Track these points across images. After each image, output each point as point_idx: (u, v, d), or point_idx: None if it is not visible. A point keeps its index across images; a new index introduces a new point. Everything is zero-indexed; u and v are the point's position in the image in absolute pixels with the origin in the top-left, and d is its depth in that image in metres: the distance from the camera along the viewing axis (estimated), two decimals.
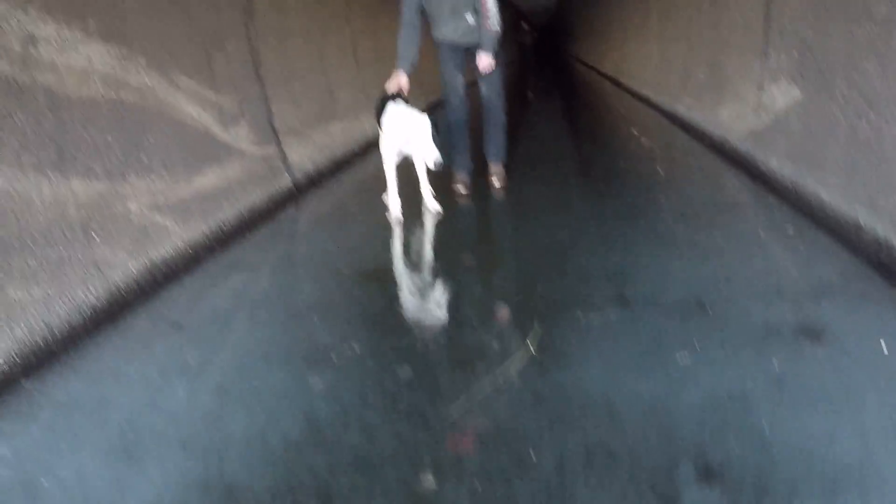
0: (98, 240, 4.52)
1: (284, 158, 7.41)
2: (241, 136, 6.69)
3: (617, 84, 18.19)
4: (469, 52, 6.90)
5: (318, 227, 6.33)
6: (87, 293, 4.27)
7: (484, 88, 6.98)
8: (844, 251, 4.72)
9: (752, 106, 7.34)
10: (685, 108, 10.30)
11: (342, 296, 4.56)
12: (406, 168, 6.44)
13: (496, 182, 7.16)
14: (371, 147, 6.13)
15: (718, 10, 9.29)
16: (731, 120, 7.99)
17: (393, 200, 6.24)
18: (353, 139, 9.49)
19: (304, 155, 7.95)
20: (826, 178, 5.41)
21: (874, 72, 4.90)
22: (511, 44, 39.24)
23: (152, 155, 5.32)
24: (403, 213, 6.19)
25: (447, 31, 6.80)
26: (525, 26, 39.28)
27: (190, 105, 5.99)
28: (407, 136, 5.95)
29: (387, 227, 5.99)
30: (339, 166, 8.67)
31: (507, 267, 4.97)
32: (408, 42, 6.61)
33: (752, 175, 6.81)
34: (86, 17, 4.85)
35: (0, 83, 4.09)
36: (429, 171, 6.27)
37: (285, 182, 7.21)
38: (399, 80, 6.54)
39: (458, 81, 6.97)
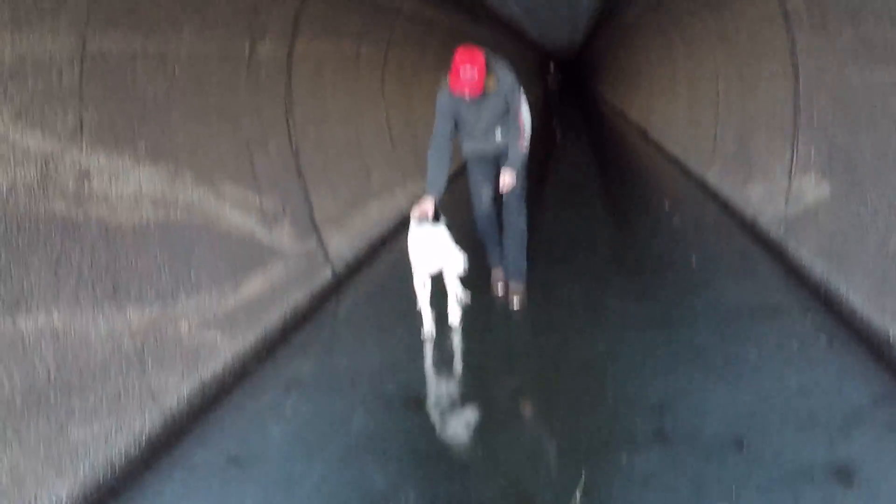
0: (152, 366, 4.67)
1: (325, 251, 7.56)
2: (283, 235, 6.86)
3: (644, 135, 18.25)
4: (497, 164, 6.78)
5: (360, 331, 6.44)
6: (144, 423, 4.42)
7: (505, 199, 6.78)
8: (877, 367, 4.83)
9: (782, 191, 7.45)
10: (715, 177, 10.41)
11: (392, 429, 4.67)
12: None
13: (515, 304, 6.77)
14: (407, 220, 6.23)
15: (746, 87, 9.42)
16: (762, 200, 8.10)
17: (426, 316, 6.22)
18: (389, 217, 9.64)
19: (343, 243, 8.10)
20: (857, 281, 5.52)
21: None
22: (538, 85, 39.41)
23: (200, 270, 5.48)
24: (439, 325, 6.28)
25: (475, 145, 6.71)
26: (552, 68, 39.29)
27: (234, 212, 6.15)
28: (432, 254, 6.04)
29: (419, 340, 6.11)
30: (376, 249, 8.82)
31: (549, 394, 5.04)
32: (438, 162, 6.45)
33: (784, 265, 6.92)
34: (136, 142, 5.01)
35: (57, 223, 4.25)
36: (461, 279, 6.34)
37: (326, 276, 7.36)
38: (425, 207, 6.28)
39: (486, 194, 6.89)
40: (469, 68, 6.03)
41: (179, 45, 5.52)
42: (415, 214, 6.28)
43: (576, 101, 39.73)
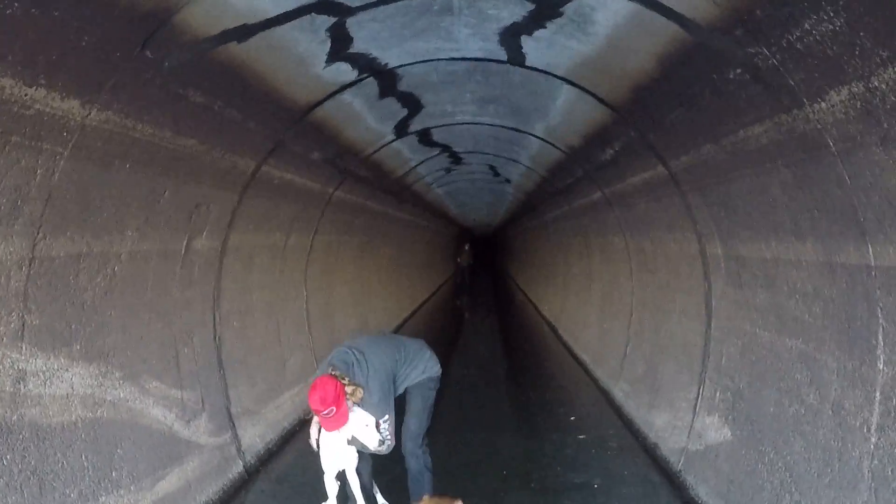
0: None
1: (238, 444, 7.67)
2: (200, 430, 6.97)
3: (555, 332, 18.61)
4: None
5: None
6: None
7: (404, 431, 6.49)
8: None
9: (686, 425, 7.76)
10: (622, 394, 10.70)
11: None
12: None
13: None
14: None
15: (660, 316, 9.83)
16: (664, 429, 8.39)
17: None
18: (300, 406, 9.75)
19: (256, 435, 8.22)
20: None
21: (799, 451, 5.34)
22: (450, 263, 39.99)
23: (121, 469, 5.58)
24: None
25: None
26: (467, 247, 39.83)
27: (157, 408, 6.28)
28: (345, 452, 6.15)
29: None
30: (287, 439, 8.94)
31: None
32: None
33: (682, 499, 7.16)
34: (72, 343, 5.18)
35: None
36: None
37: (237, 469, 7.46)
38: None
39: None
40: (327, 412, 5.70)
41: (122, 244, 5.73)
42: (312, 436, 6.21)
43: (488, 283, 40.34)
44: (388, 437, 6.02)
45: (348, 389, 5.83)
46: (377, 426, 5.93)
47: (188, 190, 6.52)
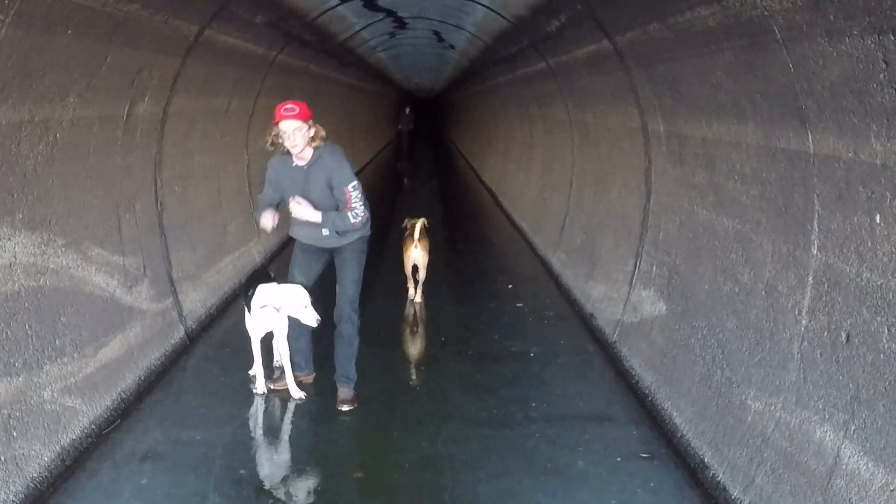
0: (16, 435, 4.80)
1: (180, 309, 7.71)
2: (142, 296, 6.99)
3: (495, 199, 18.70)
4: (329, 255, 6.57)
5: (209, 396, 6.65)
6: (8, 493, 4.55)
7: (337, 301, 6.49)
8: (692, 489, 5.29)
9: (622, 297, 7.93)
10: (560, 263, 10.86)
11: None
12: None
13: (344, 407, 6.45)
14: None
15: (600, 188, 9.93)
16: (601, 300, 8.57)
17: (259, 376, 6.67)
18: (242, 270, 9.78)
19: (198, 300, 8.27)
20: (681, 405, 6.00)
21: (732, 329, 5.50)
22: (392, 127, 39.66)
23: (65, 337, 5.61)
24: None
25: (301, 230, 6.47)
26: (408, 110, 39.34)
27: (99, 275, 6.28)
28: (277, 314, 6.32)
29: (267, 413, 6.45)
30: (228, 304, 9.00)
31: (390, 491, 5.34)
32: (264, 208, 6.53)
33: (615, 369, 7.36)
34: (14, 212, 5.13)
35: None
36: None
37: (179, 334, 7.52)
38: (269, 219, 6.43)
39: (298, 281, 6.48)
40: (290, 107, 6.07)
41: (64, 111, 5.65)
42: (265, 225, 6.47)
43: (429, 148, 40.21)
44: (360, 205, 6.10)
45: (313, 129, 6.15)
46: (347, 197, 6.05)
47: (130, 55, 6.40)
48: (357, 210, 6.08)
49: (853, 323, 4.04)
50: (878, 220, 3.82)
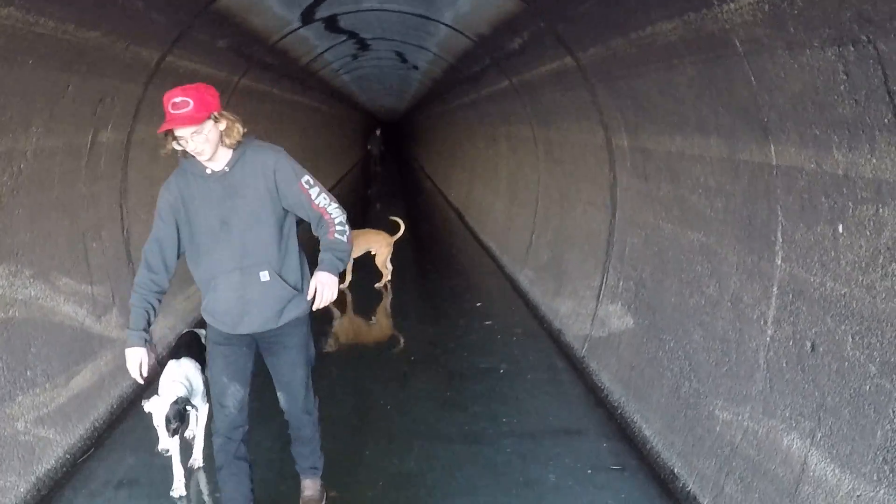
0: None
1: (149, 337, 7.67)
2: (112, 324, 6.98)
3: (462, 219, 18.74)
4: (253, 342, 4.63)
5: None
6: None
7: (283, 400, 4.78)
8: (663, 499, 5.34)
9: (589, 313, 7.99)
10: (527, 281, 10.90)
11: None
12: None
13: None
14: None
15: (566, 205, 9.99)
16: (569, 316, 8.62)
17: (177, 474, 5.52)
18: None
19: (167, 326, 8.24)
20: (650, 417, 6.06)
21: (698, 341, 5.57)
22: (357, 149, 39.61)
23: (36, 367, 5.60)
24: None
25: (221, 293, 4.46)
26: (378, 132, 39.13)
27: (68, 304, 6.27)
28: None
29: None
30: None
31: None
32: (142, 298, 4.72)
33: (584, 384, 7.41)
34: None
35: None
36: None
37: (150, 362, 7.48)
38: (138, 361, 4.68)
39: (234, 394, 4.58)
40: (181, 100, 4.09)
41: (27, 141, 5.64)
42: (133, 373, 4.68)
43: (395, 168, 40.22)
44: (334, 205, 4.36)
45: (223, 123, 4.19)
46: (307, 197, 4.30)
47: (93, 83, 6.40)
48: (335, 215, 4.32)
49: (818, 332, 4.10)
50: (840, 230, 3.89)
